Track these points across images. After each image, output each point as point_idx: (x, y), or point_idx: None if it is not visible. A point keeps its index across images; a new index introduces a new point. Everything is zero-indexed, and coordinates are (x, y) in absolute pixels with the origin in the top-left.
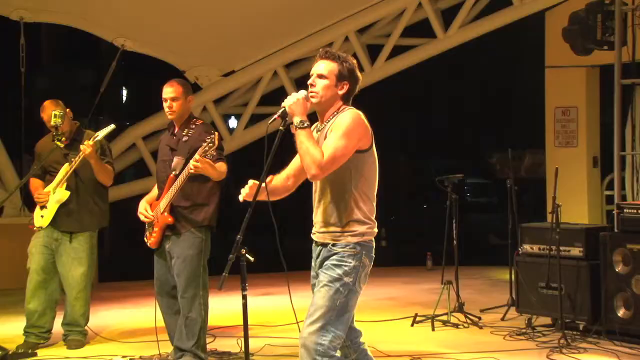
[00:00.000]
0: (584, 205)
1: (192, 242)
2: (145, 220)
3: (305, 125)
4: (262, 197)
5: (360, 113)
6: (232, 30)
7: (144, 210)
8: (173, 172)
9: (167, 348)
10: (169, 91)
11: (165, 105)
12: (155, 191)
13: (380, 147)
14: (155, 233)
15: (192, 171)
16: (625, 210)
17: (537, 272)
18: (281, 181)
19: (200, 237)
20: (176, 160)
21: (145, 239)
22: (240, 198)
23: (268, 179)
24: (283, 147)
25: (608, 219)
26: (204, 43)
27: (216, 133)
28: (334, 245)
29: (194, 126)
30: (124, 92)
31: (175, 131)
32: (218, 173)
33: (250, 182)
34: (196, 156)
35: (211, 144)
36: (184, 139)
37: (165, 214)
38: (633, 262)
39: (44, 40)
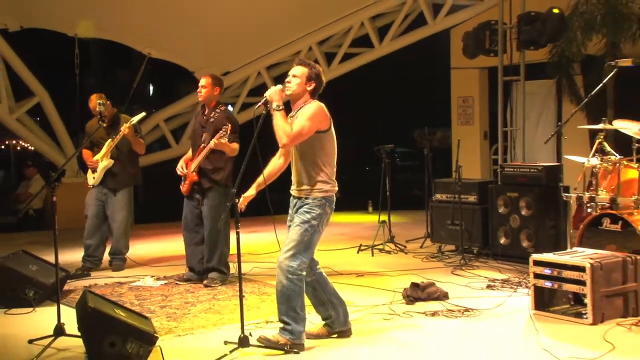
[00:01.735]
0: (478, 166)
1: (214, 195)
2: (181, 174)
3: (281, 108)
4: (261, 187)
5: (322, 105)
6: (227, 42)
7: (180, 167)
8: (202, 144)
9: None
10: (202, 81)
11: (199, 89)
12: (189, 153)
13: (337, 128)
14: (186, 184)
15: (212, 147)
16: (505, 169)
17: (445, 214)
18: (276, 165)
19: (220, 191)
20: (205, 136)
21: (181, 186)
22: (242, 207)
23: (260, 180)
24: (266, 131)
25: (494, 176)
26: (208, 51)
27: (229, 126)
28: (306, 198)
29: (218, 111)
30: (151, 88)
31: (205, 112)
32: (231, 150)
33: (242, 198)
34: (214, 140)
35: (224, 133)
36: (211, 120)
37: (194, 173)
38: (511, 205)
39: (92, 50)
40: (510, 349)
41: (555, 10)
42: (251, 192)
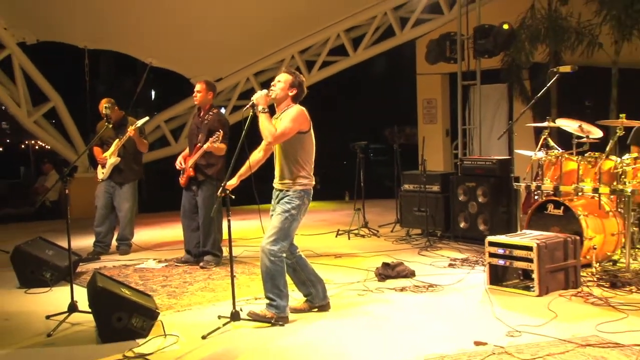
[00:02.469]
0: (441, 160)
1: (207, 187)
2: (180, 168)
3: (266, 111)
4: (247, 174)
5: (304, 108)
6: (220, 51)
7: (179, 162)
8: (198, 144)
9: (182, 254)
10: (197, 86)
11: (194, 94)
12: (187, 150)
13: (318, 127)
14: (184, 177)
15: (206, 149)
16: (464, 162)
17: (412, 202)
18: (256, 158)
19: (212, 184)
20: (200, 136)
21: (179, 179)
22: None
23: (243, 170)
24: (253, 130)
25: (454, 168)
26: (202, 60)
27: (221, 133)
28: (287, 190)
29: (211, 113)
30: (153, 92)
31: (201, 114)
32: (219, 150)
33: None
34: (208, 144)
35: (216, 139)
36: (205, 121)
37: (190, 169)
38: (469, 193)
39: (101, 60)
40: (468, 319)
41: (505, 26)
42: (233, 181)
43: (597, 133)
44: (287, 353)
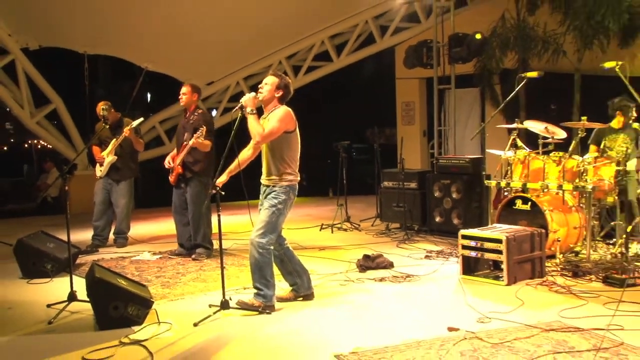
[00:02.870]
0: (418, 159)
1: (195, 184)
2: (168, 167)
3: (254, 112)
4: (236, 171)
5: (290, 109)
6: (211, 57)
7: (167, 162)
8: (185, 142)
9: (175, 247)
10: (183, 89)
11: (180, 96)
12: (175, 150)
13: (304, 128)
14: (173, 175)
15: (192, 145)
16: (440, 161)
17: (391, 198)
18: (245, 156)
19: (200, 181)
20: (186, 135)
21: (169, 177)
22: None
23: (232, 167)
24: (242, 130)
25: (431, 166)
26: (195, 64)
27: (204, 128)
28: (274, 186)
29: (196, 114)
30: (148, 95)
31: (187, 115)
32: (203, 146)
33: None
34: (192, 140)
35: (200, 134)
36: (190, 121)
37: (179, 166)
38: (444, 190)
39: (100, 64)
40: (442, 307)
41: (478, 36)
42: (223, 178)
43: (561, 134)
44: (274, 339)
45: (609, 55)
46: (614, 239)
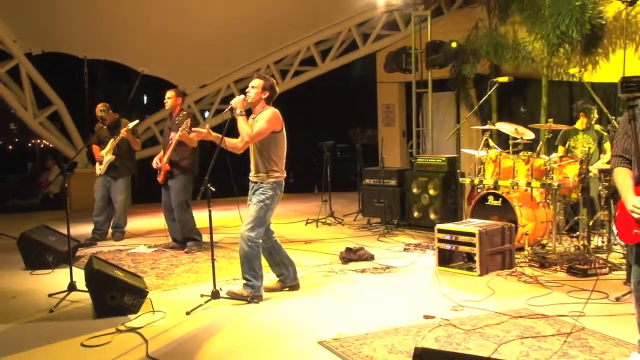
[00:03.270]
0: (398, 158)
1: (180, 180)
2: (156, 167)
3: (243, 114)
4: (219, 142)
5: (277, 110)
6: (204, 61)
7: (155, 162)
8: (170, 141)
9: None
10: (168, 93)
11: (165, 100)
12: (161, 152)
13: (292, 128)
14: (161, 175)
15: (178, 139)
16: (418, 160)
17: (373, 194)
18: (234, 141)
19: (185, 177)
20: (171, 135)
21: (157, 177)
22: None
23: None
24: (232, 130)
25: (409, 165)
26: (188, 69)
27: (188, 120)
28: (262, 182)
29: (181, 115)
30: (145, 97)
31: (172, 117)
32: (190, 140)
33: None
34: (178, 133)
35: (185, 127)
36: (176, 122)
37: (166, 164)
38: (422, 187)
39: (99, 68)
40: (419, 296)
41: (453, 44)
42: (205, 130)
43: (529, 135)
44: (262, 327)
45: (573, 63)
46: (577, 233)
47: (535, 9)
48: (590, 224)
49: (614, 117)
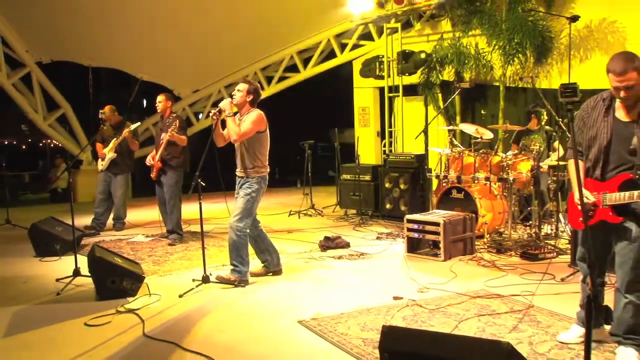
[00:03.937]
0: (372, 155)
1: (172, 176)
2: (149, 164)
3: (231, 115)
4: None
5: (262, 112)
6: (197, 68)
7: (148, 160)
8: (161, 141)
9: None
10: (159, 97)
11: (156, 104)
12: (154, 151)
13: (277, 128)
14: (154, 172)
15: (168, 138)
16: (390, 157)
17: (349, 188)
18: (224, 133)
19: (176, 173)
20: (162, 135)
21: (151, 174)
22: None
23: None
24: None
25: (382, 162)
26: (183, 75)
27: (177, 122)
28: (247, 177)
29: (171, 118)
30: (144, 101)
31: (163, 119)
32: (180, 140)
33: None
34: (168, 133)
35: (174, 127)
36: (167, 124)
37: (158, 161)
38: (394, 182)
39: (102, 75)
40: (389, 279)
41: (422, 55)
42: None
43: (488, 135)
44: (248, 308)
45: (527, 71)
46: (530, 222)
47: (493, 23)
48: (541, 214)
49: (560, 119)
